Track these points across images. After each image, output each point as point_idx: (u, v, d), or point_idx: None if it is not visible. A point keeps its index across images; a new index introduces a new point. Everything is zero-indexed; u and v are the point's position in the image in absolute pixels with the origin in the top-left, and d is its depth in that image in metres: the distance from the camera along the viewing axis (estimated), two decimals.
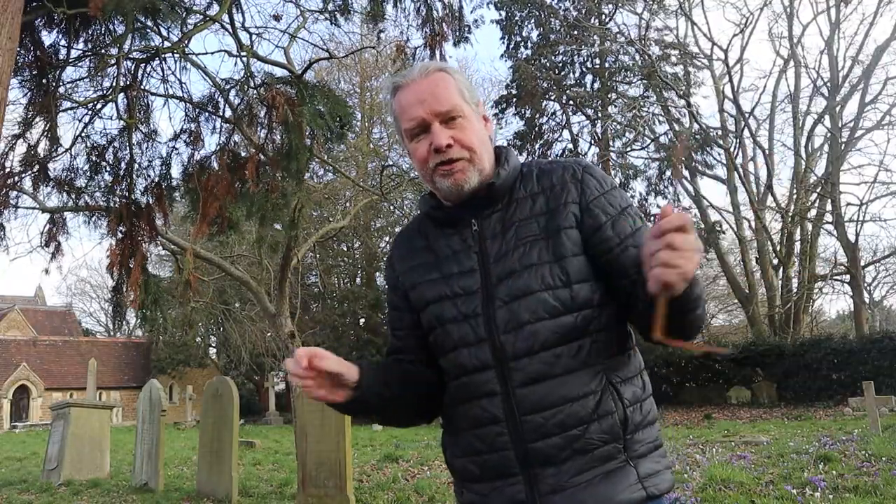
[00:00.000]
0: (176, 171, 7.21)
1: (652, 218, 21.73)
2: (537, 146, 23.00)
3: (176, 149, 7.08)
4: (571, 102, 22.85)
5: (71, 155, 7.00)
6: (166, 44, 6.61)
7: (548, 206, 1.24)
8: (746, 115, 22.22)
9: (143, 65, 6.95)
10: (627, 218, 1.24)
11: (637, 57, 21.73)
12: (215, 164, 6.52)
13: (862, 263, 22.22)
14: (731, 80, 22.31)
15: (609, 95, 22.31)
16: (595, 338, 1.20)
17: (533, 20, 23.16)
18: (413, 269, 1.34)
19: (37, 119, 6.58)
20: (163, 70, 7.09)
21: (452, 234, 1.31)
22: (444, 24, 7.27)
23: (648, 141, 22.41)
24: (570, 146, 23.37)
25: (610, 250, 1.21)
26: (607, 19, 22.74)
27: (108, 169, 7.08)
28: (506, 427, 1.18)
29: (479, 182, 1.26)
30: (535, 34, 23.43)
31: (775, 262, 22.28)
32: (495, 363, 1.19)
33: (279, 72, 7.28)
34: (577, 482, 1.15)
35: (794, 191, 22.62)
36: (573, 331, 1.18)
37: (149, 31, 6.42)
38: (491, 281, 1.22)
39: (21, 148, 6.76)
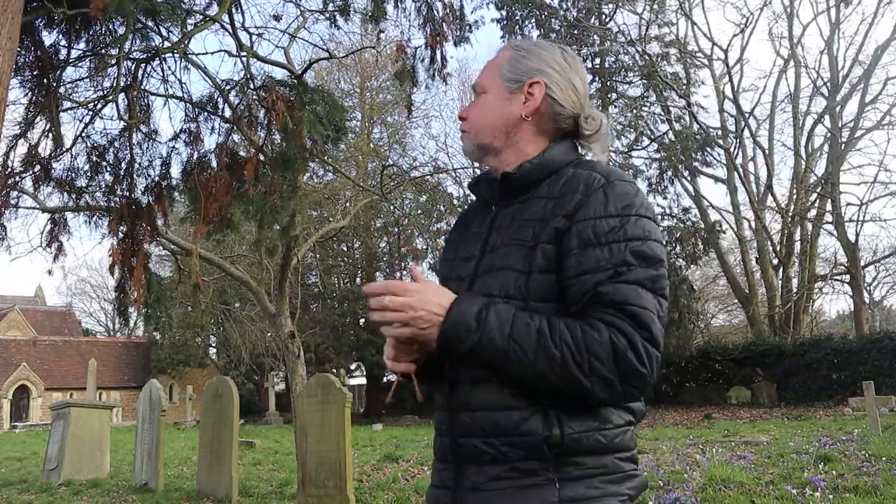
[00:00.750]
0: (176, 171, 7.22)
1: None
2: None
3: (176, 149, 7.08)
4: None
5: (71, 155, 7.01)
6: (166, 44, 6.61)
7: (550, 213, 1.17)
8: (746, 115, 22.24)
9: (143, 65, 6.94)
10: (604, 251, 1.10)
11: (637, 57, 21.72)
12: (215, 164, 6.52)
13: (862, 263, 22.23)
14: (731, 80, 22.35)
15: (609, 95, 22.30)
16: None
17: (533, 20, 23.14)
18: (446, 245, 1.42)
19: (38, 119, 6.58)
20: (163, 70, 7.09)
21: (479, 216, 1.34)
22: (444, 23, 7.26)
23: (649, 141, 22.41)
24: None
25: (564, 280, 1.12)
26: (607, 19, 22.73)
27: (108, 169, 7.08)
28: (446, 417, 1.21)
29: (479, 154, 1.33)
30: (535, 34, 23.41)
31: (775, 262, 22.29)
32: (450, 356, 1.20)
33: (279, 72, 7.29)
34: (493, 487, 1.14)
35: (794, 191, 22.63)
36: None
37: (149, 31, 6.42)
38: (478, 272, 1.23)
39: (22, 148, 6.77)
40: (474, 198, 1.42)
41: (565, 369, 1.05)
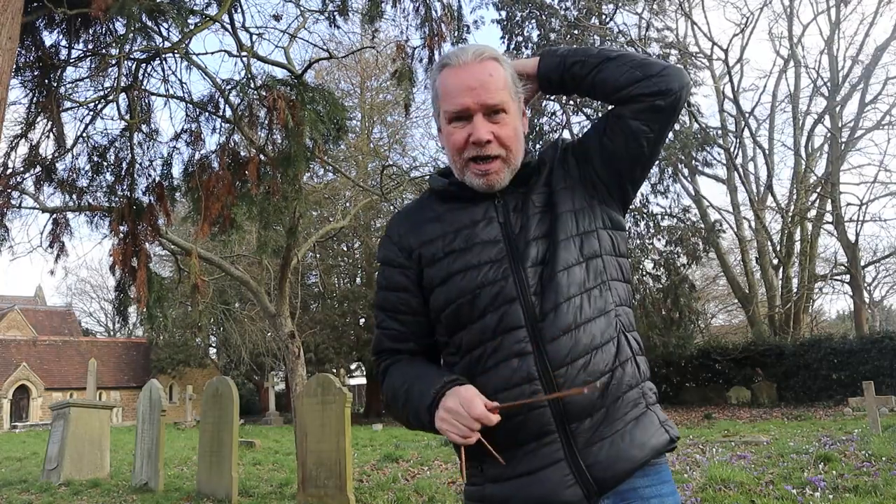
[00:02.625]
0: (177, 171, 7.23)
1: (654, 217, 21.78)
2: (537, 146, 22.95)
3: (177, 149, 7.08)
4: (571, 102, 22.84)
5: (72, 155, 7.01)
6: (167, 44, 6.61)
7: (550, 178, 1.36)
8: (746, 115, 22.22)
9: (143, 65, 6.95)
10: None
11: None
12: (216, 164, 6.53)
13: (862, 263, 22.22)
14: (731, 80, 22.32)
15: None
16: (606, 286, 1.27)
17: (534, 20, 23.14)
18: (431, 241, 1.31)
19: (39, 119, 6.59)
20: (163, 70, 7.09)
21: (471, 206, 1.32)
22: (442, 24, 7.26)
23: None
24: None
25: (592, 145, 1.36)
26: (608, 19, 22.72)
27: (109, 169, 7.09)
28: (540, 384, 1.18)
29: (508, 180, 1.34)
30: (535, 34, 23.40)
31: (775, 262, 22.28)
32: (527, 322, 1.22)
33: (279, 72, 7.29)
34: (611, 431, 1.19)
35: (794, 191, 22.62)
36: (585, 280, 1.24)
37: (149, 31, 6.42)
38: (518, 247, 1.27)
39: (23, 149, 6.78)
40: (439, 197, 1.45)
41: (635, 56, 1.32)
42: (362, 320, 28.16)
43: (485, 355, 1.23)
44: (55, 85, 6.46)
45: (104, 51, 6.61)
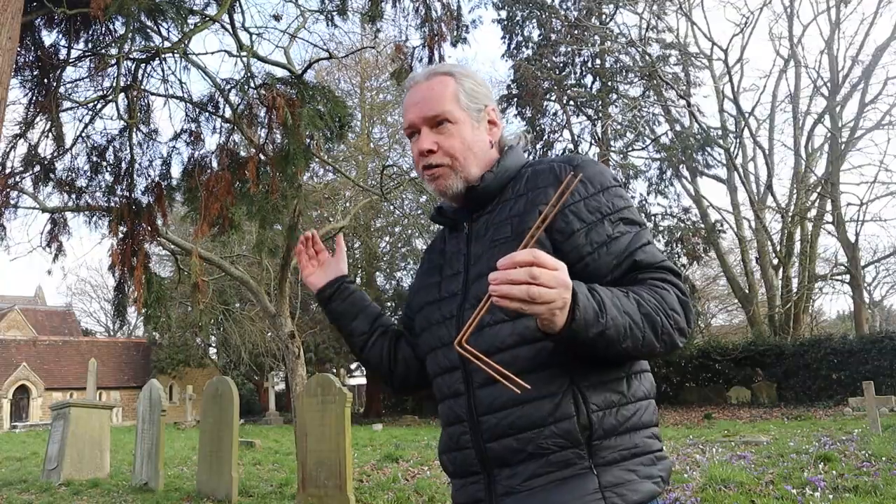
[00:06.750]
0: (176, 171, 7.23)
1: (653, 217, 21.82)
2: (538, 146, 23.00)
3: (176, 148, 7.08)
4: (572, 102, 22.84)
5: (72, 155, 7.01)
6: (166, 44, 6.60)
7: (524, 207, 1.21)
8: (746, 115, 22.23)
9: (143, 65, 6.94)
10: (608, 224, 1.17)
11: (637, 57, 21.72)
12: (215, 164, 6.52)
13: (862, 263, 22.22)
14: (731, 80, 22.33)
15: (609, 95, 22.30)
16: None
17: (534, 20, 23.15)
18: (421, 273, 1.41)
19: (38, 119, 6.59)
20: (163, 70, 7.09)
21: (453, 237, 1.35)
22: (442, 23, 7.26)
23: (649, 141, 22.41)
24: (571, 146, 23.36)
25: (581, 258, 1.16)
26: (608, 19, 22.74)
27: (108, 169, 7.08)
28: (468, 427, 1.19)
29: (464, 190, 1.29)
30: (536, 34, 23.42)
31: (775, 262, 22.28)
32: (461, 364, 1.21)
33: (279, 72, 7.28)
34: (530, 486, 1.12)
35: (794, 191, 22.62)
36: (534, 332, 1.09)
37: (149, 31, 6.42)
38: (468, 283, 1.25)
39: (22, 148, 6.78)
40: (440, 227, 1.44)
41: (664, 330, 1.10)
42: None
43: (437, 388, 1.29)
44: (55, 85, 6.46)
45: (103, 51, 6.61)
